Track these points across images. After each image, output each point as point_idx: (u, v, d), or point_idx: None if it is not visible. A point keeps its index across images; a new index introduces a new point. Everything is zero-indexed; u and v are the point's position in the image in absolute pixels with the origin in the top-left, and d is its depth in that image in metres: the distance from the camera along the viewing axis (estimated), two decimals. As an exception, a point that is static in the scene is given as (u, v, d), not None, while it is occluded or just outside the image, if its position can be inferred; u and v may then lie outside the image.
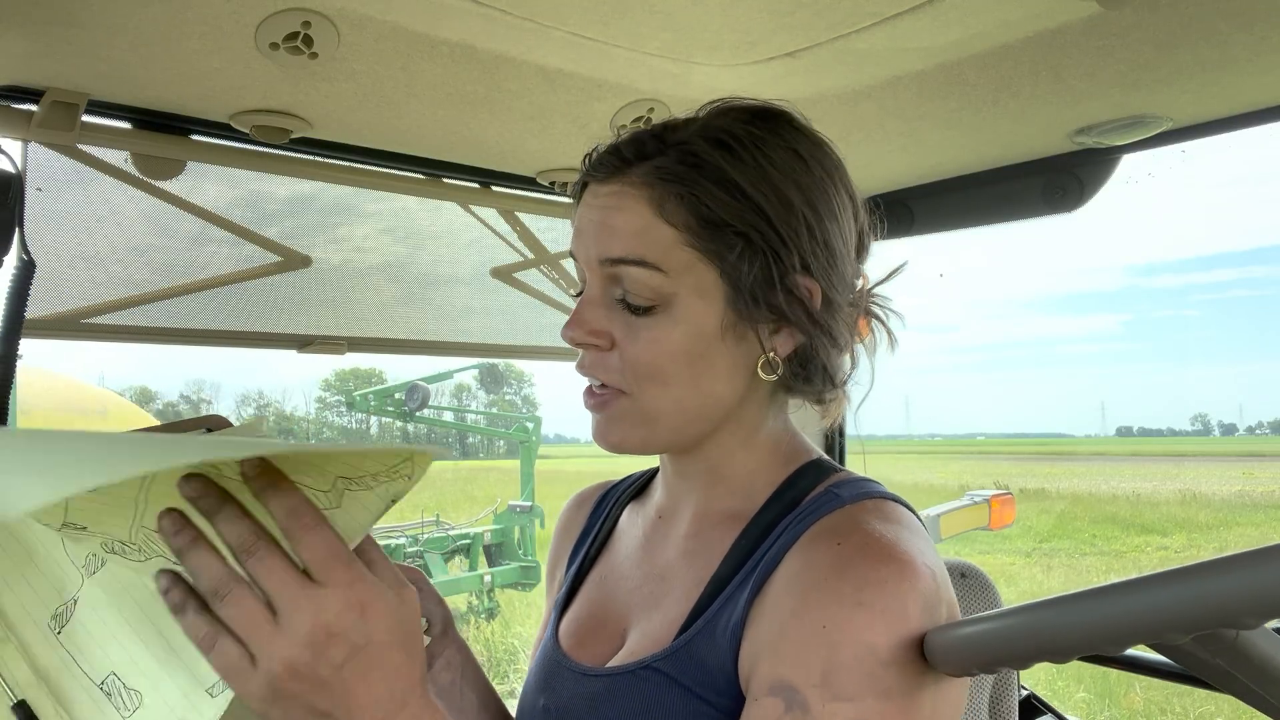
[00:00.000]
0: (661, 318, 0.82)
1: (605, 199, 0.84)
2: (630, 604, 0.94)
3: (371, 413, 13.80)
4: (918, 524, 0.83)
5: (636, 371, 0.83)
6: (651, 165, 0.82)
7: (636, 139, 0.85)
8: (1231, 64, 1.15)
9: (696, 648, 0.81)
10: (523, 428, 14.11)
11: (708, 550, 0.88)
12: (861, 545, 0.75)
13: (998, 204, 1.64)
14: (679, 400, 0.84)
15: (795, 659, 0.72)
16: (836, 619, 0.71)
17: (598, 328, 0.84)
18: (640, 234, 0.81)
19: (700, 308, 0.82)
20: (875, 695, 0.69)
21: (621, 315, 0.83)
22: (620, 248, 0.82)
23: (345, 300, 1.69)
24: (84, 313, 1.41)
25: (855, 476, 0.88)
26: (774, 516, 0.85)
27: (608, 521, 1.07)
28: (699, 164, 0.81)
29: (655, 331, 0.82)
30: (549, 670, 0.96)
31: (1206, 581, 0.56)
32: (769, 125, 0.85)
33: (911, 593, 0.72)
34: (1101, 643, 0.61)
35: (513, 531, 12.09)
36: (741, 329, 0.84)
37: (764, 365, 0.85)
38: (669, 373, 0.82)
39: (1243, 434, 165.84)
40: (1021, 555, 16.88)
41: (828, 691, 0.69)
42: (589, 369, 0.86)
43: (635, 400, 0.84)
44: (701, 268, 0.81)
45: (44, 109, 1.19)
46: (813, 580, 0.75)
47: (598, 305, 0.84)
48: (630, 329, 0.83)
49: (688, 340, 0.82)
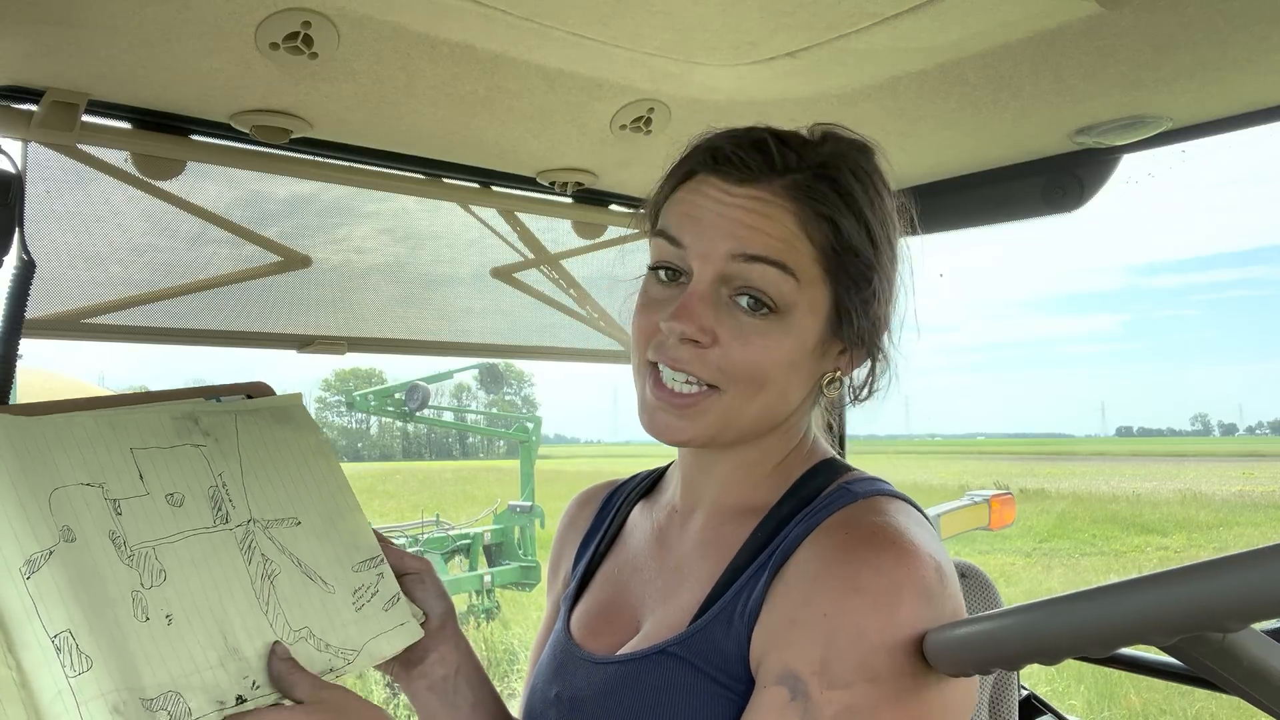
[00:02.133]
0: (776, 324, 0.85)
1: (745, 199, 0.86)
2: (644, 595, 0.96)
3: (371, 413, 13.81)
4: (925, 522, 0.86)
5: (736, 372, 0.84)
6: (794, 180, 0.86)
7: (764, 148, 0.87)
8: (1231, 64, 1.15)
9: (712, 632, 0.84)
10: (523, 428, 14.12)
11: (723, 542, 0.91)
12: (868, 534, 0.79)
13: (998, 204, 1.64)
14: (766, 405, 0.87)
15: (799, 647, 0.75)
16: (835, 606, 0.75)
17: (707, 324, 0.84)
18: (785, 241, 0.84)
19: (809, 323, 0.86)
20: (865, 680, 0.73)
21: (731, 315, 0.85)
22: (762, 247, 0.84)
23: (345, 300, 1.69)
24: (84, 313, 1.41)
25: (867, 475, 0.92)
26: (789, 510, 0.88)
27: (617, 517, 1.09)
28: (840, 191, 0.86)
29: (769, 338, 0.84)
30: (561, 660, 0.97)
31: (1190, 585, 0.56)
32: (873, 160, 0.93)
33: (907, 579, 0.75)
34: (1089, 645, 0.62)
35: (513, 531, 12.09)
36: (827, 345, 0.89)
37: (831, 383, 0.91)
38: (769, 378, 0.85)
39: (1243, 434, 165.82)
40: (1021, 555, 16.88)
41: (825, 679, 0.73)
42: (686, 363, 0.85)
43: (724, 397, 0.85)
44: (821, 286, 0.86)
45: (44, 109, 1.19)
46: (820, 567, 0.79)
47: (707, 301, 0.85)
48: (740, 330, 0.84)
49: (793, 350, 0.86)
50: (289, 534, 0.87)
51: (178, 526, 0.80)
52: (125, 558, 0.76)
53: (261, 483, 0.88)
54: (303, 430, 0.95)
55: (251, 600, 0.81)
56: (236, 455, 0.88)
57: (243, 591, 0.81)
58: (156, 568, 0.77)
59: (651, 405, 0.87)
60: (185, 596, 0.77)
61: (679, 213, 0.88)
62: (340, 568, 0.90)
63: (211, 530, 0.82)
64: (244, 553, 0.83)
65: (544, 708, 0.96)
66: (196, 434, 0.87)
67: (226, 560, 0.81)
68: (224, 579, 0.80)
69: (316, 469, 0.94)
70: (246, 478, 0.87)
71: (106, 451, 0.80)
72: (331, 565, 0.89)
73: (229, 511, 0.84)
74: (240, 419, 0.91)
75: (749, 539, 0.88)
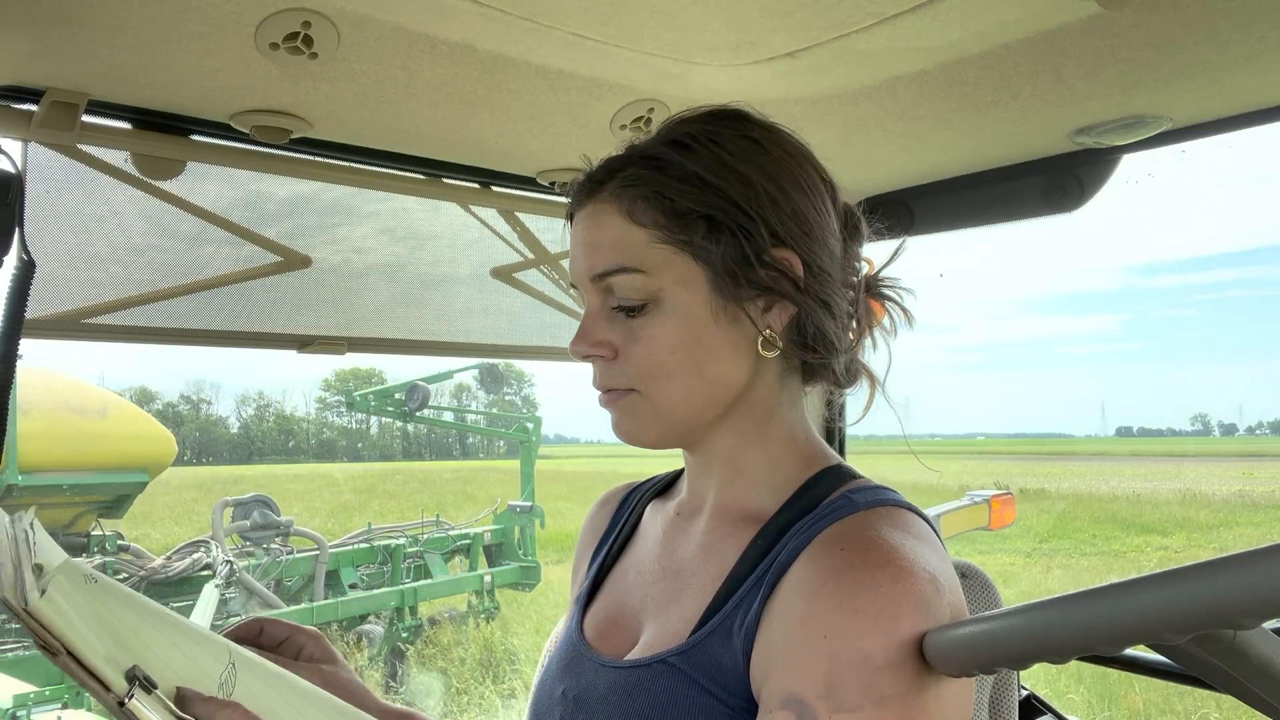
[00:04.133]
0: (654, 315, 0.87)
1: (585, 220, 0.91)
2: (647, 599, 0.96)
3: (371, 413, 13.79)
4: (929, 532, 0.84)
5: (642, 371, 0.87)
6: (619, 178, 0.88)
7: (606, 162, 0.92)
8: (1231, 64, 1.15)
9: (710, 646, 0.83)
10: (523, 428, 14.10)
11: (724, 548, 0.90)
12: (862, 551, 0.77)
13: (998, 204, 1.64)
14: (687, 390, 0.87)
15: (801, 670, 0.74)
16: (835, 627, 0.74)
17: (600, 339, 0.89)
18: (616, 243, 0.87)
19: (687, 297, 0.86)
20: (873, 704, 0.72)
21: (620, 323, 0.89)
22: (603, 261, 0.88)
23: (345, 300, 1.68)
24: (84, 313, 1.41)
25: (872, 484, 0.90)
26: (789, 519, 0.87)
27: (631, 518, 1.10)
28: (659, 165, 0.87)
29: (651, 329, 0.87)
30: (571, 659, 0.98)
31: (1203, 582, 0.56)
32: (723, 121, 0.91)
33: (904, 596, 0.74)
34: (1099, 643, 0.61)
35: (513, 532, 12.08)
36: (733, 310, 0.87)
37: (763, 343, 0.88)
38: (671, 365, 0.87)
39: (1243, 434, 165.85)
40: (1021, 555, 16.88)
41: (831, 703, 0.72)
42: (600, 380, 0.91)
43: (645, 397, 0.89)
44: (678, 260, 0.86)
45: (44, 109, 1.19)
46: (816, 586, 0.77)
47: (598, 318, 0.90)
48: (629, 333, 0.88)
49: (682, 330, 0.86)
50: None
51: None
52: None
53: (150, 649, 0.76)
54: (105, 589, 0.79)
55: None
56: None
57: None
58: None
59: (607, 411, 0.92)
60: None
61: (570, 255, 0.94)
62: None
63: None
64: None
65: (550, 703, 0.97)
66: None
67: None
68: None
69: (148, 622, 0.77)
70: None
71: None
72: None
73: None
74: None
75: (748, 548, 0.87)
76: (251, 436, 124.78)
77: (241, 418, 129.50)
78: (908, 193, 1.74)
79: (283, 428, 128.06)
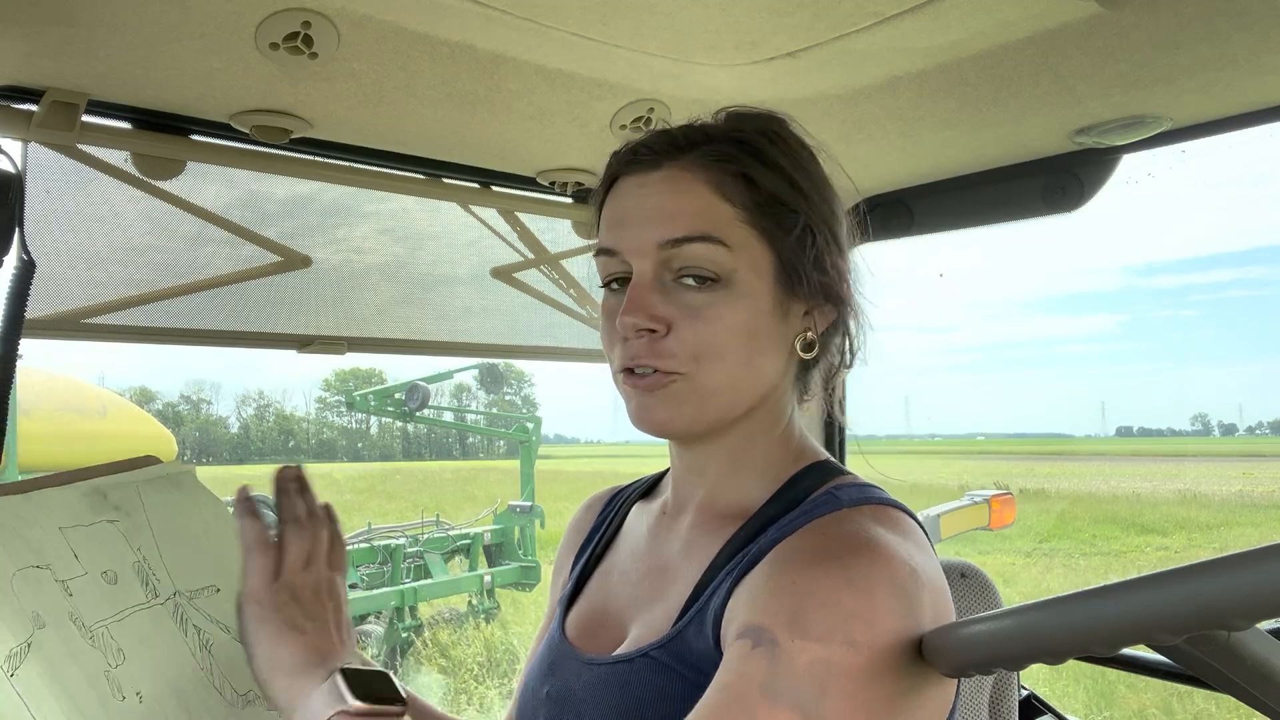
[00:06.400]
0: (723, 293, 0.84)
1: (659, 185, 0.86)
2: (632, 598, 0.96)
3: (371, 413, 13.79)
4: (916, 530, 0.83)
5: (696, 350, 0.84)
6: (705, 149, 0.86)
7: (670, 134, 0.88)
8: (1231, 64, 1.15)
9: (688, 634, 0.83)
10: (523, 428, 14.10)
11: (708, 544, 0.90)
12: (843, 535, 0.77)
13: (998, 204, 1.64)
14: (733, 377, 0.86)
15: (765, 606, 0.73)
16: (806, 578, 0.73)
17: (656, 312, 0.84)
18: (703, 212, 0.84)
19: (756, 284, 0.85)
20: (842, 642, 0.69)
21: (678, 296, 0.84)
22: (684, 227, 0.84)
23: (345, 300, 1.68)
24: (84, 313, 1.41)
25: (859, 481, 0.89)
26: (773, 513, 0.86)
27: (615, 519, 1.09)
28: (751, 149, 0.86)
29: (718, 308, 0.84)
30: (554, 659, 0.98)
31: (1195, 584, 0.56)
32: (781, 124, 0.91)
33: (881, 574, 0.73)
34: (1093, 644, 0.61)
35: (513, 531, 12.08)
36: (786, 306, 0.88)
37: (803, 344, 0.89)
38: (728, 349, 0.84)
39: (1243, 434, 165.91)
40: (1021, 555, 16.88)
41: (796, 630, 0.70)
42: (643, 357, 0.84)
43: (690, 380, 0.85)
44: (757, 245, 0.85)
45: (44, 109, 1.19)
46: (791, 557, 0.77)
47: (652, 290, 0.85)
48: (689, 309, 0.84)
49: (746, 315, 0.85)
50: (212, 603, 0.87)
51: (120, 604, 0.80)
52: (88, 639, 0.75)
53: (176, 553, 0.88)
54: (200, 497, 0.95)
55: (198, 672, 0.81)
56: (149, 528, 0.88)
57: (190, 664, 0.81)
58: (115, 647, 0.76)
59: (629, 395, 0.88)
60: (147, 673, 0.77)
61: (607, 222, 0.90)
62: None
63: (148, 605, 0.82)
64: (179, 625, 0.83)
65: (535, 705, 0.96)
66: (108, 509, 0.86)
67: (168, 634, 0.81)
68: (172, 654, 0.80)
69: (222, 533, 0.94)
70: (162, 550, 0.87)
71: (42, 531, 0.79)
72: None
73: (156, 586, 0.84)
74: (143, 490, 0.90)
75: (731, 539, 0.87)
76: (251, 436, 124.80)
77: (241, 418, 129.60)
78: (908, 193, 1.74)
79: (283, 428, 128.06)
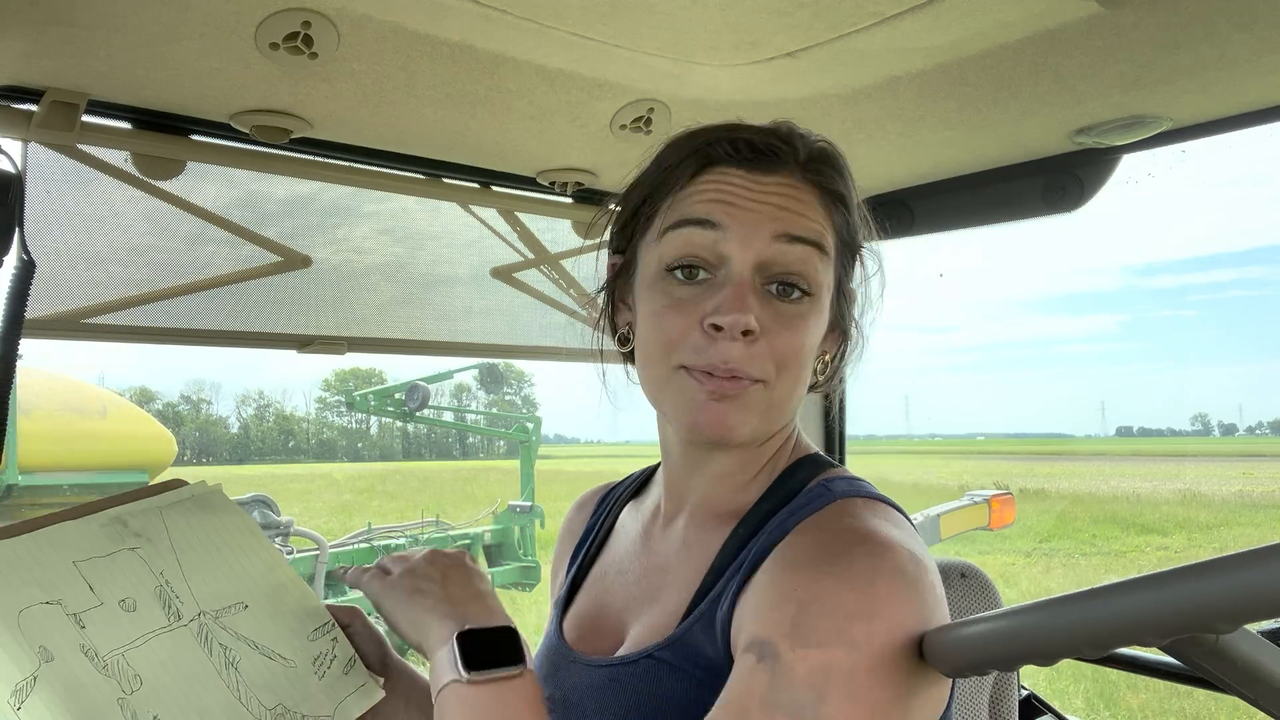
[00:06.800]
0: (810, 307, 0.85)
1: (777, 187, 0.86)
2: (630, 598, 0.96)
3: (371, 413, 13.79)
4: (906, 524, 0.84)
5: (781, 360, 0.83)
6: (816, 168, 0.88)
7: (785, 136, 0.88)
8: (1231, 64, 1.15)
9: (695, 636, 0.83)
10: (523, 428, 14.10)
11: (706, 542, 0.90)
12: (840, 531, 0.78)
13: (998, 204, 1.64)
14: (796, 392, 0.87)
15: (767, 617, 0.74)
16: (807, 583, 0.74)
17: (758, 314, 0.82)
18: (819, 226, 0.86)
19: (826, 304, 0.88)
20: (843, 645, 0.70)
21: (769, 304, 0.84)
22: (804, 228, 0.84)
23: (345, 300, 1.68)
24: (84, 313, 1.41)
25: (848, 475, 0.90)
26: (769, 508, 0.87)
27: (607, 520, 1.09)
28: (843, 180, 0.89)
29: (806, 320, 0.85)
30: (554, 663, 0.98)
31: (1180, 588, 0.56)
32: None
33: (881, 565, 0.74)
34: (1083, 646, 0.62)
35: (512, 532, 12.08)
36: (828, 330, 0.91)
37: (821, 366, 0.92)
38: (803, 359, 0.86)
39: (1243, 434, 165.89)
40: (1021, 555, 16.87)
41: (797, 639, 0.71)
42: (736, 363, 0.81)
43: (770, 390, 0.84)
44: (832, 268, 0.88)
45: (44, 109, 1.19)
46: (791, 560, 0.78)
47: (753, 294, 0.83)
48: (781, 317, 0.83)
49: (818, 331, 0.87)
50: (239, 619, 0.88)
51: (138, 630, 0.80)
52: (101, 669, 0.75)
53: (201, 574, 0.89)
54: (228, 515, 0.96)
55: (223, 690, 0.82)
56: (171, 551, 0.89)
57: (215, 684, 0.81)
58: (131, 673, 0.77)
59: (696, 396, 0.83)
60: (165, 697, 0.77)
61: (708, 200, 0.85)
62: (296, 640, 0.91)
63: (169, 629, 0.82)
64: (203, 645, 0.84)
65: None
66: (128, 537, 0.87)
67: (190, 655, 0.82)
68: (194, 674, 0.81)
69: (249, 549, 0.95)
70: (186, 571, 0.88)
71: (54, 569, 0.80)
72: (287, 640, 0.90)
73: (179, 608, 0.84)
74: (166, 514, 0.91)
75: (730, 537, 0.88)
76: (251, 436, 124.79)
77: (241, 418, 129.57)
78: (908, 193, 1.74)
79: (283, 428, 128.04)
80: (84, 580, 0.80)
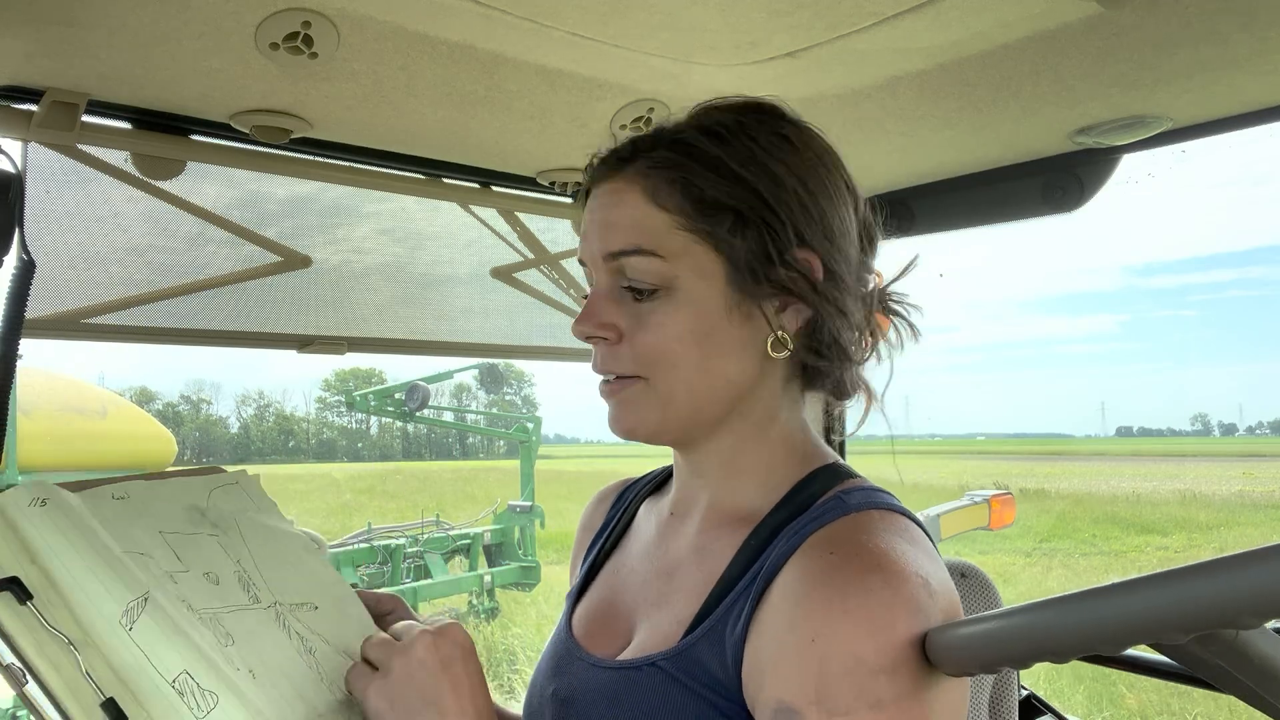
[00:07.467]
0: (665, 301, 0.85)
1: (604, 198, 0.89)
2: (639, 598, 0.95)
3: (371, 413, 13.80)
4: (921, 537, 0.83)
5: (647, 358, 0.85)
6: (645, 159, 0.86)
7: (632, 140, 0.89)
8: (1231, 64, 1.15)
9: (700, 651, 0.82)
10: (523, 428, 14.11)
11: (717, 549, 0.89)
12: (852, 554, 0.76)
13: (998, 204, 1.64)
14: (689, 382, 0.86)
15: (791, 677, 0.73)
16: (824, 631, 0.72)
17: (605, 320, 0.87)
18: (637, 224, 0.85)
19: (702, 288, 0.84)
20: (868, 707, 0.70)
21: (629, 306, 0.86)
22: (620, 240, 0.86)
23: (345, 300, 1.69)
24: (84, 313, 1.41)
25: (867, 485, 0.88)
26: (782, 519, 0.85)
27: (625, 515, 1.09)
28: (689, 151, 0.85)
29: (661, 315, 0.85)
30: (561, 658, 0.97)
31: (1205, 582, 0.56)
32: (757, 115, 0.89)
33: (896, 599, 0.72)
34: (1101, 643, 0.61)
35: (513, 531, 12.09)
36: (747, 307, 0.85)
37: (773, 343, 0.86)
38: (677, 355, 0.85)
39: (1243, 434, 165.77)
40: (1021, 555, 16.88)
41: (823, 708, 0.70)
42: (602, 365, 0.88)
43: (649, 385, 0.86)
44: (699, 249, 0.85)
45: (44, 109, 1.19)
46: (805, 590, 0.76)
47: (605, 299, 0.88)
48: (637, 317, 0.86)
49: (693, 321, 0.84)
50: (311, 617, 0.89)
51: (224, 601, 0.81)
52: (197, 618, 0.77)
53: (275, 572, 0.91)
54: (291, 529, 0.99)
55: (306, 670, 0.82)
56: (245, 546, 0.91)
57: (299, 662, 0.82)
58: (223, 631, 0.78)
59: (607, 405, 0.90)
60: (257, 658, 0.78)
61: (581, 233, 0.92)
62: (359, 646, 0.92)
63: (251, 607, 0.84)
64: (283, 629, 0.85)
65: (541, 704, 0.96)
66: (206, 524, 0.89)
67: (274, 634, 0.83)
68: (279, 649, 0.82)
69: (314, 561, 0.97)
70: (260, 566, 0.90)
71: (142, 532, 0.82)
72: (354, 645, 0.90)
73: (257, 593, 0.86)
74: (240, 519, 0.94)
75: (740, 549, 0.86)
76: (251, 436, 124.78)
77: (241, 418, 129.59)
78: (908, 193, 1.74)
79: (283, 428, 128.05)
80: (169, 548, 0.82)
